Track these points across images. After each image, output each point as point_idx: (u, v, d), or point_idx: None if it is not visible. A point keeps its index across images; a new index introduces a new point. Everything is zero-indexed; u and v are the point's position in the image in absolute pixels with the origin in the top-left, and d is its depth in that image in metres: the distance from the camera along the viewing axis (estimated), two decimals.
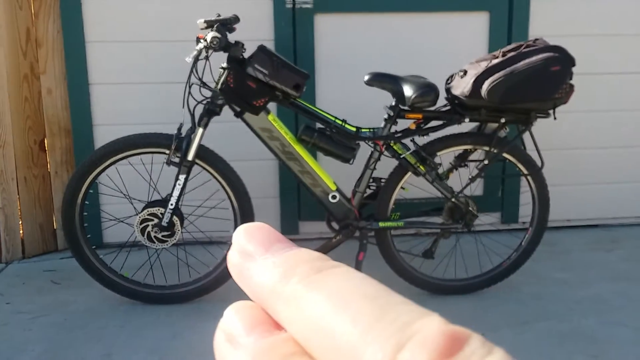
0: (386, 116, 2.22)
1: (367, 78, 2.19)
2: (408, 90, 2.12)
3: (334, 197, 2.24)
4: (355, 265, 2.24)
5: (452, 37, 2.89)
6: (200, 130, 2.14)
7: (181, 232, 2.18)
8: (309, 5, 2.77)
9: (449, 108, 2.25)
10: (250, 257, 0.20)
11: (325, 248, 2.29)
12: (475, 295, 2.38)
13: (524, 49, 2.09)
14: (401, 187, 2.26)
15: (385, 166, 2.29)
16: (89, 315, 2.22)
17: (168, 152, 2.15)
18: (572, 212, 3.13)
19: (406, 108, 2.17)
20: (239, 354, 0.18)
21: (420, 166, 2.22)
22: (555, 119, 2.18)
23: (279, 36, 2.79)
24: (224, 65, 2.12)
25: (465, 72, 2.15)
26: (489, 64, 2.08)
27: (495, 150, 2.22)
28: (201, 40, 2.08)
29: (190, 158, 2.14)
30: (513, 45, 2.15)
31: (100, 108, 2.80)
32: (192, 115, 2.14)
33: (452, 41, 2.89)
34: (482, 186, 3.03)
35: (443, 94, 2.23)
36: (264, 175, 2.90)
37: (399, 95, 2.16)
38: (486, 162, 2.24)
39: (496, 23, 2.90)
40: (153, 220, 2.16)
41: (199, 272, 2.35)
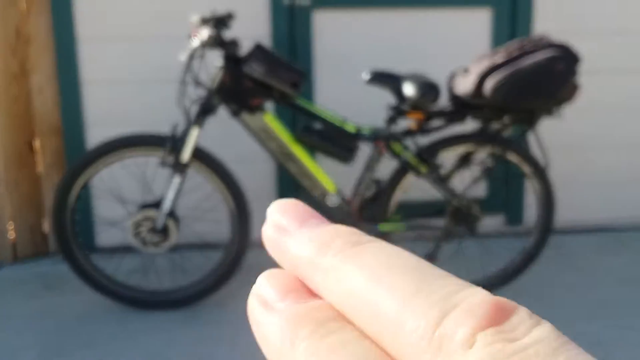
0: (387, 116, 2.18)
1: (368, 77, 2.16)
2: (409, 89, 2.10)
3: (333, 200, 2.20)
4: None
5: (454, 34, 2.84)
6: (195, 130, 2.09)
7: (176, 236, 2.13)
8: (306, 1, 2.72)
9: (451, 107, 2.21)
10: (286, 232, 0.20)
11: None
12: None
13: (528, 47, 2.05)
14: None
15: (385, 167, 2.25)
16: (83, 321, 2.19)
17: (162, 153, 2.10)
18: (580, 214, 3.06)
19: (407, 107, 2.14)
20: (273, 318, 0.18)
21: (422, 167, 2.18)
22: (561, 118, 2.14)
23: (277, 33, 2.73)
24: (220, 63, 2.08)
25: (468, 70, 2.12)
26: (493, 63, 2.04)
27: (498, 151, 2.18)
28: (196, 38, 2.04)
29: (185, 159, 2.09)
30: (517, 43, 2.11)
31: (92, 107, 2.74)
32: (187, 114, 2.10)
33: (454, 38, 2.83)
34: (486, 187, 2.98)
35: (445, 93, 2.19)
36: (261, 177, 2.84)
37: (400, 95, 2.12)
38: (489, 164, 2.20)
39: (499, 19, 2.85)
40: (147, 223, 2.11)
41: (193, 277, 2.30)
